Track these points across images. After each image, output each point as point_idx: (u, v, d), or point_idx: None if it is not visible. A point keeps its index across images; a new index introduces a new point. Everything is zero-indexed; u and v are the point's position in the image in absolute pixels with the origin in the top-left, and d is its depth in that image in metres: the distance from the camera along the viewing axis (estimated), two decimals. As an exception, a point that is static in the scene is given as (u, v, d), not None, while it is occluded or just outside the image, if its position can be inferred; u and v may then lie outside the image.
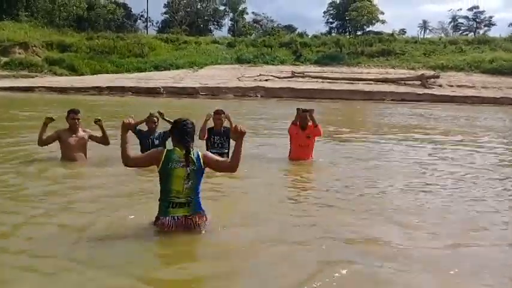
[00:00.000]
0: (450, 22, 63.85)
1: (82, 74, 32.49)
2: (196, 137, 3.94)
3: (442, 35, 56.01)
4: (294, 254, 3.33)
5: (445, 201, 4.81)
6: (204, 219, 3.56)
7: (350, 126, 12.61)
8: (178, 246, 3.39)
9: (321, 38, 43.40)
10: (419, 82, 29.50)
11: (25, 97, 21.77)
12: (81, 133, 6.29)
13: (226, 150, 6.56)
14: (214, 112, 6.68)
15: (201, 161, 3.48)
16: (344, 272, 3.02)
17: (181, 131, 3.49)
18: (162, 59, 36.69)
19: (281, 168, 6.48)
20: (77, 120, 6.20)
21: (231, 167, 3.55)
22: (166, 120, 6.60)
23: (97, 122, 6.26)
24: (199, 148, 3.74)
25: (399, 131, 11.76)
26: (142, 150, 6.37)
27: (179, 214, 3.45)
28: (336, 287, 2.85)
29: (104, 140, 6.38)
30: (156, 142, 6.48)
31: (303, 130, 6.78)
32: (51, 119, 6.07)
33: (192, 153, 3.45)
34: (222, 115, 6.64)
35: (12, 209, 4.17)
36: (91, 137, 6.39)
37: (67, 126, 6.25)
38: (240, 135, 3.47)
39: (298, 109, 6.91)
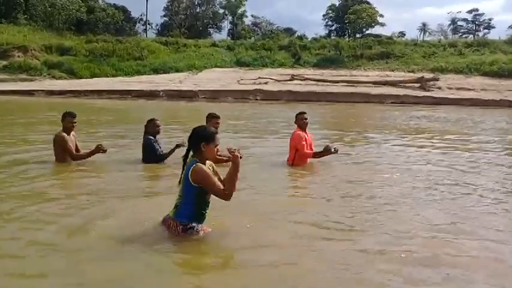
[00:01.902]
0: (449, 25, 64.00)
1: (81, 78, 32.45)
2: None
3: (442, 37, 55.96)
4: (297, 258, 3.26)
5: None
6: (179, 229, 3.39)
7: (350, 128, 12.55)
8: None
9: (320, 40, 43.24)
10: (418, 85, 29.47)
11: (24, 100, 21.70)
12: (73, 136, 6.27)
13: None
14: (211, 116, 6.53)
15: (190, 174, 3.32)
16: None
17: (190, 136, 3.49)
18: (162, 62, 36.62)
19: (286, 174, 6.37)
20: (73, 124, 6.17)
21: (224, 196, 3.32)
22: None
23: (100, 147, 6.14)
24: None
25: (403, 133, 11.72)
26: (154, 156, 6.36)
27: (170, 213, 3.50)
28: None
29: (78, 157, 6.18)
30: (156, 146, 6.48)
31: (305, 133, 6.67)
32: (103, 150, 6.07)
33: (192, 160, 3.40)
34: (219, 119, 6.55)
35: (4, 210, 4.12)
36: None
37: (61, 128, 6.23)
38: (233, 159, 3.31)
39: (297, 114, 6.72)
